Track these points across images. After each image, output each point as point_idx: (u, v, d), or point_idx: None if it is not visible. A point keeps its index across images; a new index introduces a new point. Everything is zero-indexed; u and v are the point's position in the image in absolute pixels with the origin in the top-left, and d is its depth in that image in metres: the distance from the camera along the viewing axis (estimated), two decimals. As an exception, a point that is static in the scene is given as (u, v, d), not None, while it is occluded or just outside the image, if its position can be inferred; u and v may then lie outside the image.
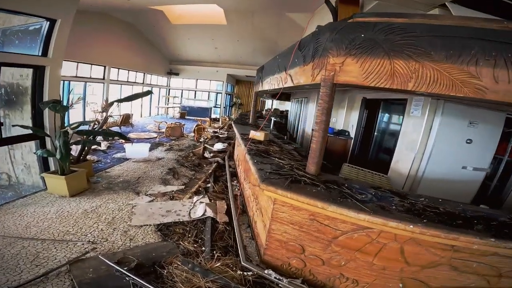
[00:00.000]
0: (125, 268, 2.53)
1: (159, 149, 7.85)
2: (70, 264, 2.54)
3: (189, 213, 3.99)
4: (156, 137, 9.31)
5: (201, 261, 2.72)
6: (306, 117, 8.88)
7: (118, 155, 6.78)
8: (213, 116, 17.76)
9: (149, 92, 5.01)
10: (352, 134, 6.79)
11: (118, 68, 12.06)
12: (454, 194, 4.04)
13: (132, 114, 10.98)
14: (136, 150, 6.68)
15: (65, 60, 5.03)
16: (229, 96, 20.33)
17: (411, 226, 1.81)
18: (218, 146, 8.12)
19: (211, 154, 7.56)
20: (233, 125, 6.70)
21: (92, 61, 10.21)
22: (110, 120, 9.72)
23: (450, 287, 2.03)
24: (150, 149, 7.33)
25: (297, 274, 2.49)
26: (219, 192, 4.97)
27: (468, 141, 4.12)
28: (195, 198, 4.48)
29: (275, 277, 2.47)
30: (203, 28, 12.15)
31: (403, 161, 4.48)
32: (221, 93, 18.81)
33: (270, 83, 4.73)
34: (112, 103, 4.77)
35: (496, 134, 4.13)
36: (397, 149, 4.69)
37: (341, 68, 2.22)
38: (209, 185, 5.29)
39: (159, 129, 10.65)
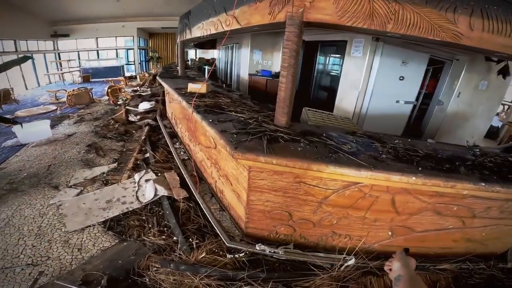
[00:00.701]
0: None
1: (65, 123, 6.11)
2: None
3: (137, 197, 3.17)
4: (56, 109, 7.24)
5: (181, 255, 2.21)
6: (240, 63, 8.53)
7: (9, 142, 4.96)
8: (127, 74, 15.14)
9: (26, 58, 3.57)
10: None
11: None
12: (391, 127, 4.60)
13: (12, 88, 8.21)
14: (32, 132, 4.98)
15: None
16: (143, 50, 17.66)
17: (414, 178, 1.70)
18: (144, 105, 6.81)
19: (138, 117, 6.30)
20: (160, 80, 5.50)
21: None
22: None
23: (432, 230, 2.13)
24: (52, 126, 5.63)
25: (286, 240, 2.31)
26: (163, 161, 4.14)
27: (401, 78, 4.51)
28: (136, 176, 3.58)
29: (269, 251, 2.16)
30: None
31: (347, 99, 4.64)
32: (132, 49, 16.15)
33: (204, 29, 3.84)
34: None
35: (421, 72, 4.60)
36: (340, 88, 4.83)
37: (311, 4, 1.86)
38: (147, 155, 4.36)
39: (57, 99, 8.34)
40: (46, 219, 2.75)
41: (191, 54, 20.63)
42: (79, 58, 15.12)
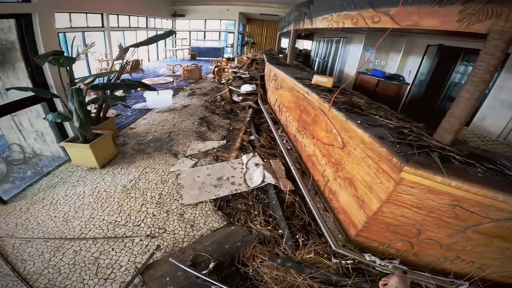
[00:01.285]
0: (205, 272, 1.97)
1: (180, 95, 6.90)
2: (141, 274, 1.98)
3: (245, 180, 3.30)
4: (173, 81, 8.23)
5: (286, 251, 2.18)
6: (346, 58, 8.13)
7: (138, 106, 5.90)
8: (225, 56, 16.09)
9: (171, 33, 3.95)
10: (409, 80, 6.14)
11: (117, 14, 10.31)
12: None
13: (142, 60, 9.67)
14: (158, 99, 5.75)
15: (57, 12, 3.92)
16: (241, 35, 18.35)
17: None
18: (246, 87, 7.06)
19: (240, 98, 6.60)
20: (272, 67, 5.55)
21: (87, 9, 8.55)
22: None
23: None
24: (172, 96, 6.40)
25: (396, 255, 2.15)
26: (267, 146, 4.21)
27: None
28: (244, 158, 3.74)
29: (380, 264, 2.04)
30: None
31: (495, 118, 4.00)
32: (233, 32, 16.86)
33: (333, 21, 3.55)
34: (127, 49, 3.69)
35: None
36: (485, 105, 4.16)
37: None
38: (252, 137, 4.52)
39: (173, 73, 9.45)
40: (166, 187, 3.05)
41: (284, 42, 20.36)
42: (189, 38, 16.74)
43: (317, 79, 3.55)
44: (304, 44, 17.11)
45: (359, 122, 2.18)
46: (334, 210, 2.69)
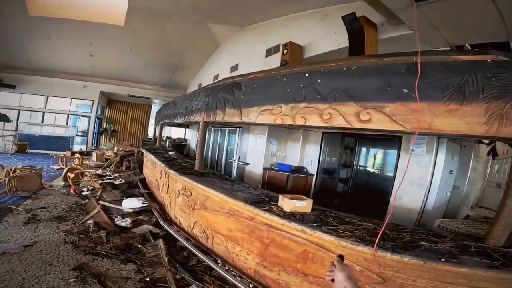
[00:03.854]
0: None
1: (10, 223, 3.72)
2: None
3: None
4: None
5: None
6: (245, 151, 7.47)
7: None
8: (75, 148, 12.24)
9: None
10: (312, 170, 6.33)
11: None
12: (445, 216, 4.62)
13: None
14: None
15: None
16: (98, 120, 14.65)
17: None
18: (132, 203, 4.96)
19: (128, 220, 4.33)
20: (174, 172, 4.21)
21: None
22: None
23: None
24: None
25: None
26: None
27: (451, 172, 4.60)
28: None
29: None
30: (81, 27, 8.03)
31: (409, 197, 4.44)
32: (89, 116, 13.35)
33: (283, 116, 2.97)
34: None
35: (456, 163, 4.84)
36: (397, 185, 4.62)
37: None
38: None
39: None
40: None
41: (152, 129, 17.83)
42: (17, 120, 11.89)
43: (295, 204, 2.61)
44: (171, 131, 15.63)
45: None
46: None
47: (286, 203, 2.61)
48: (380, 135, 5.17)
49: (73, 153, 9.91)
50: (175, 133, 15.88)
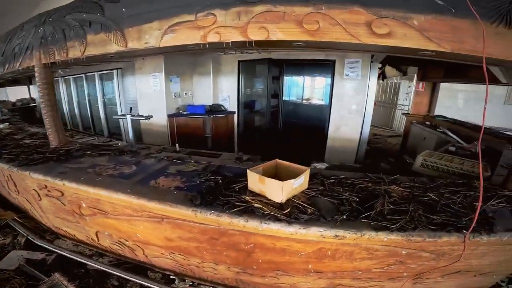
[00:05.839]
0: None
1: None
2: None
3: None
4: None
5: None
6: (131, 99, 5.45)
7: None
8: None
9: None
10: (231, 107, 5.27)
11: None
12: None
13: None
14: None
15: None
16: None
17: None
18: None
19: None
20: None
21: None
22: None
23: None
24: None
25: None
26: None
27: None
28: None
29: None
30: None
31: (348, 125, 4.13)
32: None
33: (233, 29, 1.78)
34: None
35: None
36: (334, 114, 4.22)
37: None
38: None
39: None
40: None
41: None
42: None
43: (291, 187, 1.64)
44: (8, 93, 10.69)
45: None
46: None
47: (275, 188, 1.60)
48: (310, 60, 4.42)
49: None
50: (15, 94, 10.70)
